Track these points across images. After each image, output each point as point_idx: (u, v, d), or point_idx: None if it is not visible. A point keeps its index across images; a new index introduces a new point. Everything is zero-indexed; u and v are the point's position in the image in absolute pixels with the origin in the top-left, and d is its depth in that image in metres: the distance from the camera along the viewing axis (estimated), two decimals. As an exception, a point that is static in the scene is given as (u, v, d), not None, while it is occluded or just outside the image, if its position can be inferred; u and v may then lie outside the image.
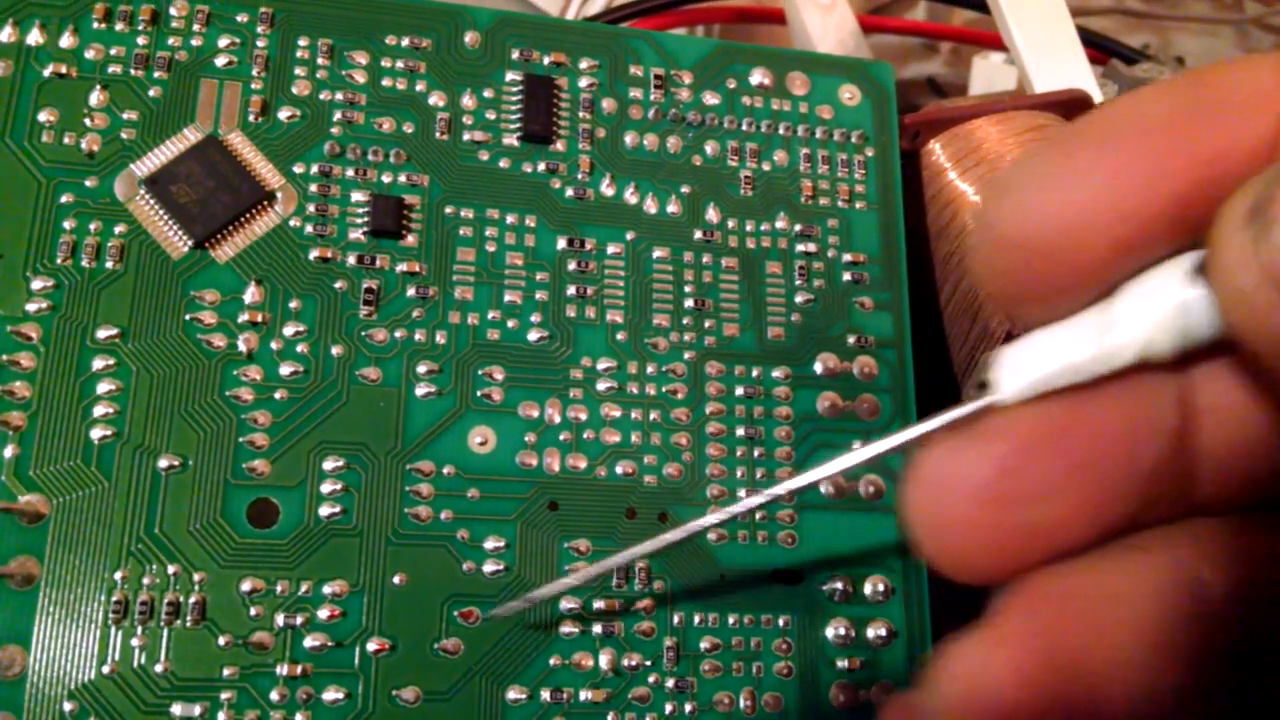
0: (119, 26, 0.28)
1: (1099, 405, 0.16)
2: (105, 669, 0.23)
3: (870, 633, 0.27)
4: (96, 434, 0.25)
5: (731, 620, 0.27)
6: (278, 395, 0.26)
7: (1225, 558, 0.16)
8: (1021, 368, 0.16)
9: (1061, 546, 0.16)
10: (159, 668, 0.24)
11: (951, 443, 0.16)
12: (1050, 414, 0.16)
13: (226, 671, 0.24)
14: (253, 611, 0.24)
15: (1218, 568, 0.16)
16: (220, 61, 0.28)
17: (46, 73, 0.27)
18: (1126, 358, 0.16)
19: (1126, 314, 0.16)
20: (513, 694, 0.25)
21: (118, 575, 0.24)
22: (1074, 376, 0.16)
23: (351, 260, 0.27)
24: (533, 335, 0.28)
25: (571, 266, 0.28)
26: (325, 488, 0.25)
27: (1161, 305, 0.15)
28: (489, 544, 0.26)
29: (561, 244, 0.29)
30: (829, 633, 0.27)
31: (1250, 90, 0.15)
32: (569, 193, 0.29)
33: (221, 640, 0.24)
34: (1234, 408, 0.16)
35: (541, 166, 0.29)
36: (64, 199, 0.26)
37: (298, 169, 0.28)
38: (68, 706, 0.23)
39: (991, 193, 0.17)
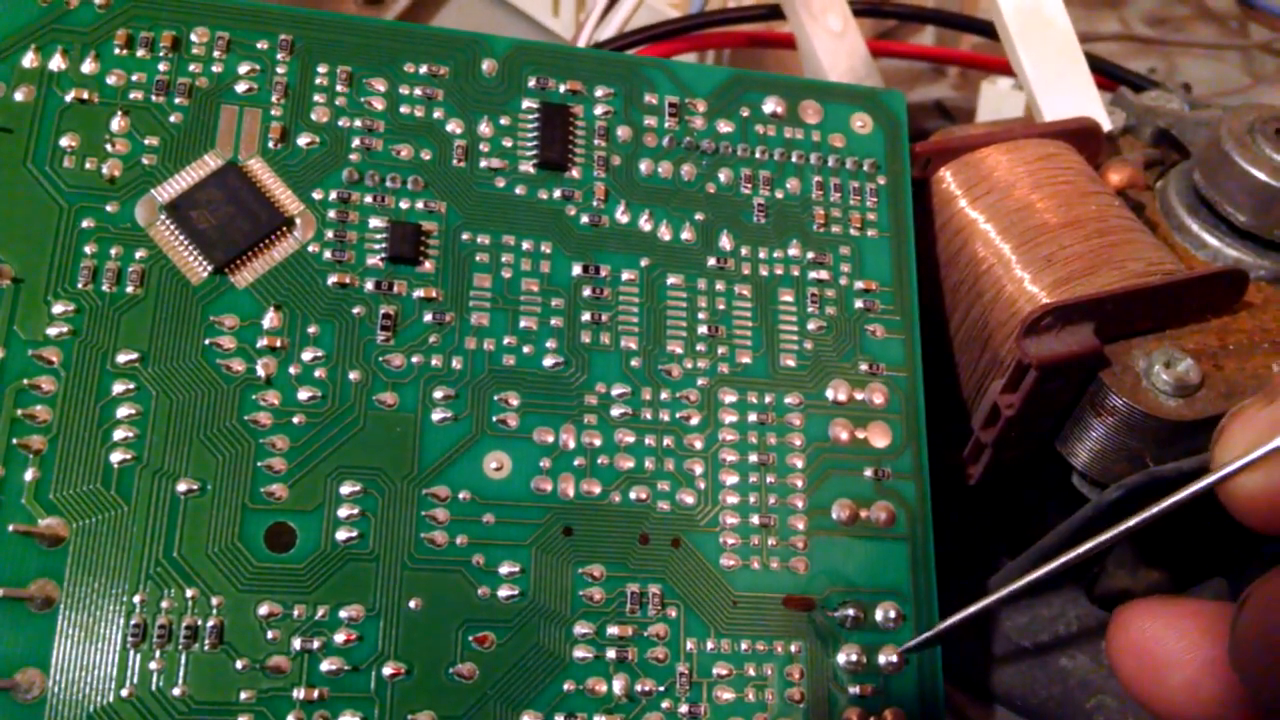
0: (140, 53, 0.28)
1: None
2: (124, 692, 0.24)
3: (882, 659, 0.27)
4: (116, 458, 0.25)
5: (744, 646, 0.27)
6: (295, 420, 0.26)
7: None
8: None
9: None
10: (177, 691, 0.24)
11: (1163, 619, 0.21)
12: None
13: (243, 695, 0.24)
14: (270, 635, 0.25)
15: None
16: (240, 88, 0.28)
17: (68, 98, 0.27)
18: None
19: None
20: (526, 719, 0.25)
21: (136, 598, 0.24)
22: None
23: (369, 286, 0.27)
24: (548, 361, 0.28)
25: (586, 293, 0.29)
26: (342, 512, 0.26)
27: None
28: (504, 569, 0.26)
29: (577, 270, 0.29)
30: (840, 659, 0.27)
31: None
32: (584, 220, 0.29)
33: (239, 664, 0.24)
34: None
35: (557, 193, 0.29)
36: (85, 224, 0.26)
37: (317, 195, 0.28)
38: (86, 730, 0.23)
39: None
